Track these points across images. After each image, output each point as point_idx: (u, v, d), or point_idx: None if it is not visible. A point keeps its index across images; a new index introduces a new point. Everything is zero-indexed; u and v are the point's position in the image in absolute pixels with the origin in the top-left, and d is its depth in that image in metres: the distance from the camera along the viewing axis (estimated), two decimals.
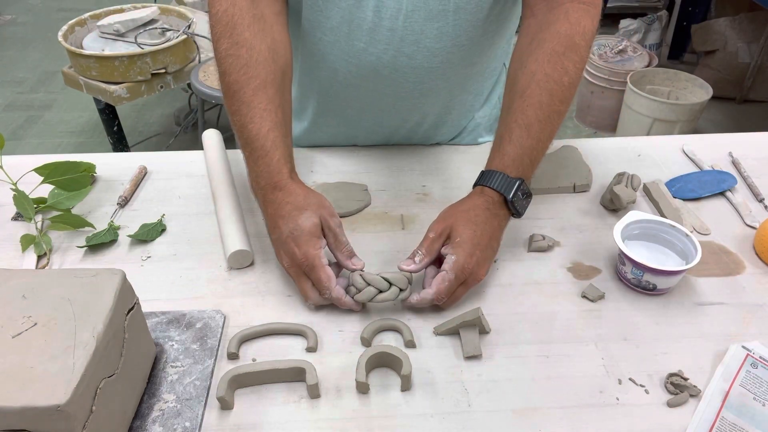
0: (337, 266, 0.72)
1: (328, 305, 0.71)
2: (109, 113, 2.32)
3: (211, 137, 0.97)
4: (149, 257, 0.79)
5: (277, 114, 0.73)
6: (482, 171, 0.75)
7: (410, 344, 0.67)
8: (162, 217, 0.85)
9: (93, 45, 2.15)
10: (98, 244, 0.79)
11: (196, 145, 1.06)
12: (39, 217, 0.83)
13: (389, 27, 0.78)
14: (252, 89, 0.72)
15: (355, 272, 0.70)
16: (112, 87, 2.06)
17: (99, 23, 2.18)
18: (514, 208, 0.72)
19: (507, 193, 0.71)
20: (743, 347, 0.66)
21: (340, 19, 0.79)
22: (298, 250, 0.68)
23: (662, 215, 0.85)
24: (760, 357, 0.65)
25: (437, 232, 0.71)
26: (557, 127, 0.74)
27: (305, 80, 0.95)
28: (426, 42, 0.80)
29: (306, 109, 0.98)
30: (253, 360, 0.65)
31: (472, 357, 0.65)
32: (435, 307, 0.71)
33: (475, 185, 0.75)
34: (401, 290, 0.69)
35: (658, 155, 1.00)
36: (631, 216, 0.77)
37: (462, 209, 0.72)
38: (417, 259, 0.70)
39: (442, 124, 0.98)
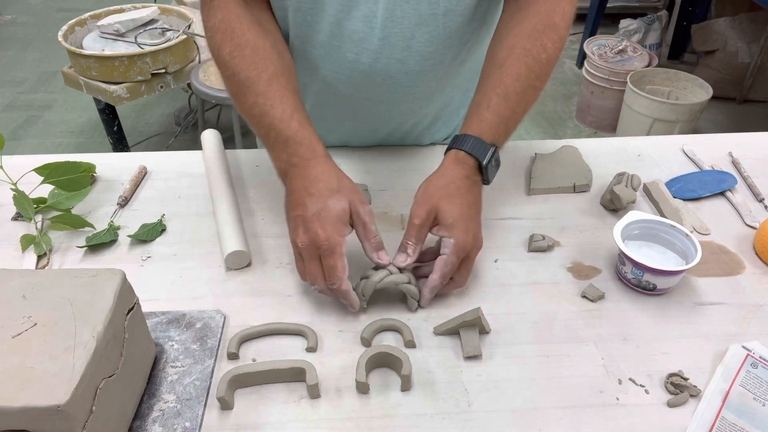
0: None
1: (328, 303, 0.72)
2: (109, 113, 2.32)
3: (210, 137, 0.97)
4: (149, 257, 0.79)
5: (296, 99, 0.73)
6: (456, 135, 0.74)
7: (410, 344, 0.67)
8: (162, 217, 0.85)
9: (93, 45, 2.15)
10: (98, 244, 0.79)
11: (196, 145, 1.06)
12: (39, 217, 0.83)
13: (380, 36, 0.77)
14: (265, 81, 0.72)
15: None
16: (112, 87, 2.07)
17: (99, 23, 2.18)
18: (486, 173, 0.72)
19: (482, 157, 0.71)
20: (743, 347, 0.66)
21: (330, 32, 0.78)
22: (323, 233, 0.65)
23: (662, 215, 0.85)
24: (760, 357, 0.65)
25: (422, 217, 0.68)
26: (531, 103, 0.75)
27: None
28: (417, 46, 0.80)
29: None
30: (253, 360, 0.65)
31: (472, 357, 0.65)
32: (436, 306, 0.71)
33: (448, 149, 0.74)
34: (409, 282, 0.69)
35: (658, 155, 1.00)
36: (631, 216, 0.77)
37: (440, 185, 0.70)
38: (410, 250, 0.69)
39: (435, 124, 0.99)
